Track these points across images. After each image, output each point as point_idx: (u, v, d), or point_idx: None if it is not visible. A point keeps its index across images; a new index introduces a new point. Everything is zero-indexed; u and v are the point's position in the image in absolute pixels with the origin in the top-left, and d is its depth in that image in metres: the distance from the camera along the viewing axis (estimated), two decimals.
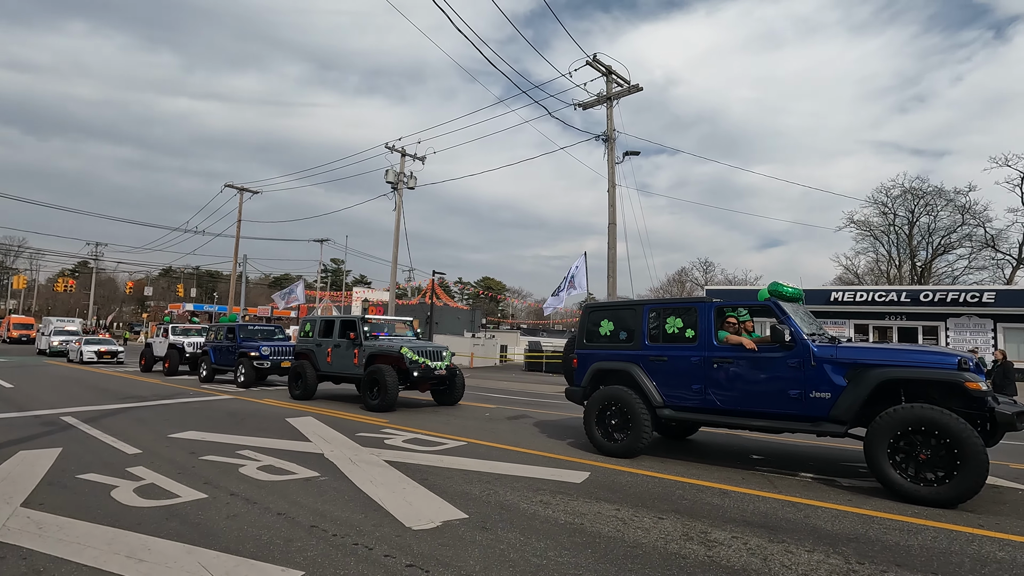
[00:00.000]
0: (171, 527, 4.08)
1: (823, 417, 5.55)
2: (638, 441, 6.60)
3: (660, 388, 6.71)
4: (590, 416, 7.10)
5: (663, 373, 6.71)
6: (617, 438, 6.82)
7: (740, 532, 4.13)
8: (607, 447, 6.86)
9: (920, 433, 4.91)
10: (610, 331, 7.39)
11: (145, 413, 10.05)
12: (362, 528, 4.10)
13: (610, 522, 4.33)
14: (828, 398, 5.52)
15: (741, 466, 6.49)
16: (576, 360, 7.68)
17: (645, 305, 7.17)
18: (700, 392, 6.38)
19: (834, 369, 5.56)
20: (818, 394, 5.58)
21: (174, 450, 6.83)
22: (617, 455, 6.72)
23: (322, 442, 7.46)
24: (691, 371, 6.45)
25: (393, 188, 26.89)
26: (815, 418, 5.61)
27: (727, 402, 6.20)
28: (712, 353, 6.33)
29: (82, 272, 76.06)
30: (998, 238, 35.82)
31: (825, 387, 5.56)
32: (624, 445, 6.72)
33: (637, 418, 6.61)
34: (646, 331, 6.98)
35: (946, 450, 4.78)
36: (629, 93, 19.22)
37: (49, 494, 4.88)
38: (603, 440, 6.94)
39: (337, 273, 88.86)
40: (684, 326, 6.65)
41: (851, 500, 5.05)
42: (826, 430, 5.52)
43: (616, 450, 6.76)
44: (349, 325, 12.19)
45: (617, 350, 7.23)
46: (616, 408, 6.86)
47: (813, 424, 5.61)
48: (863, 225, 41.65)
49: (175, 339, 19.22)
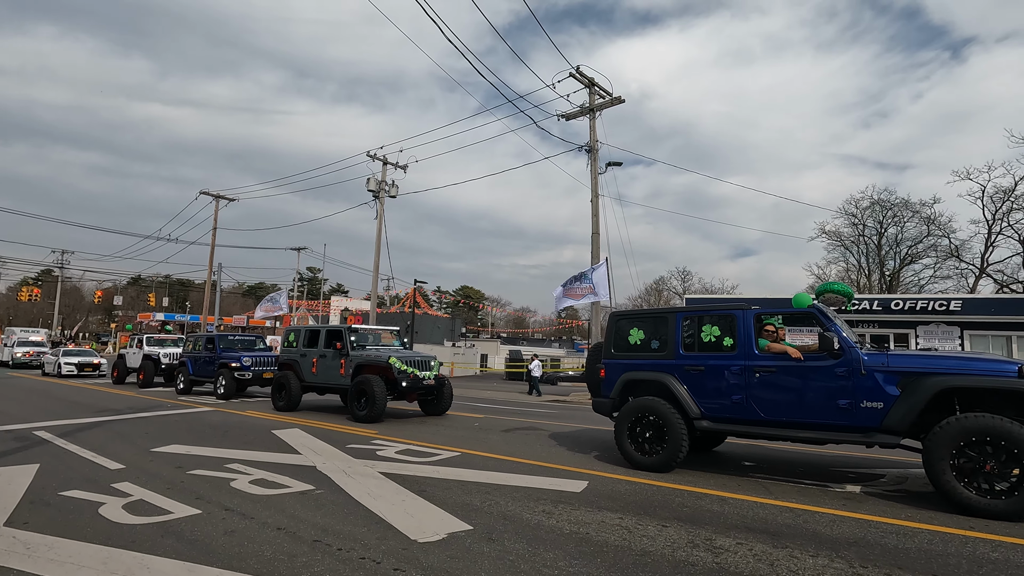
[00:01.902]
0: (167, 544, 3.95)
1: (875, 428, 5.36)
2: (675, 455, 6.30)
3: (697, 399, 6.44)
4: (621, 429, 6.80)
5: (700, 383, 6.45)
6: (652, 451, 6.51)
7: (744, 538, 4.18)
8: (641, 461, 6.55)
9: (985, 444, 4.72)
10: (640, 340, 7.13)
11: (123, 427, 9.73)
12: (367, 542, 4.03)
13: (615, 531, 4.34)
14: (880, 408, 5.34)
15: (735, 473, 6.58)
16: (604, 370, 7.38)
17: (679, 313, 6.89)
18: (741, 403, 6.13)
19: (886, 378, 5.38)
20: (869, 404, 5.39)
21: (159, 464, 6.62)
22: (652, 469, 6.42)
23: (313, 454, 7.31)
24: (731, 381, 6.21)
25: (375, 196, 26.69)
26: (866, 429, 5.42)
27: (771, 413, 5.96)
28: (754, 362, 6.10)
29: (46, 280, 73.47)
30: (962, 248, 37.20)
31: (876, 397, 5.37)
32: (660, 459, 6.40)
33: (673, 430, 6.31)
34: (680, 340, 6.72)
35: (1015, 461, 4.60)
36: (612, 105, 19.51)
37: (33, 512, 4.68)
38: (636, 454, 6.63)
39: (314, 282, 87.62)
40: (722, 334, 6.42)
41: (845, 505, 5.16)
42: (878, 441, 5.32)
43: (651, 464, 6.45)
44: (335, 335, 12.02)
45: (649, 359, 6.96)
46: (650, 420, 6.56)
47: (864, 435, 5.42)
48: (834, 235, 42.90)
49: (150, 350, 18.68)
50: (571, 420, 12.39)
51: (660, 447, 6.46)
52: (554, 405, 17.19)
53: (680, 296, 52.27)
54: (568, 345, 66.20)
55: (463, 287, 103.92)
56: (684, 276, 60.78)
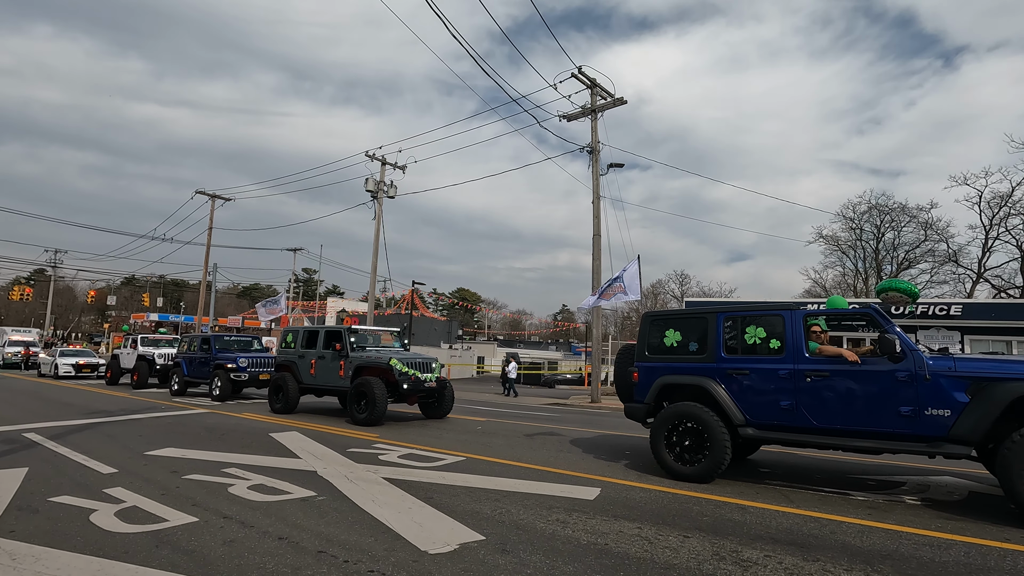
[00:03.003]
0: (163, 555, 3.72)
1: (941, 437, 5.02)
2: (718, 464, 5.93)
3: (741, 405, 6.06)
4: (658, 437, 6.41)
5: (745, 388, 6.08)
6: (692, 460, 6.14)
7: (771, 550, 3.97)
8: (680, 471, 6.18)
9: None
10: (677, 342, 6.73)
11: (115, 429, 9.45)
12: (375, 553, 3.81)
13: (635, 542, 4.13)
14: (947, 416, 4.99)
15: (751, 480, 6.37)
16: (637, 373, 6.98)
17: (719, 313, 6.49)
18: (791, 409, 5.74)
19: (953, 383, 5.02)
20: (935, 411, 5.04)
21: (153, 469, 6.37)
22: (692, 479, 6.07)
23: (313, 459, 7.08)
24: (779, 386, 5.83)
25: (373, 197, 26.45)
26: (931, 438, 5.07)
27: (824, 420, 5.58)
28: (805, 366, 5.73)
29: (39, 280, 72.77)
30: (960, 253, 37.22)
31: (943, 403, 5.02)
32: (701, 468, 6.02)
33: (716, 438, 5.94)
34: (721, 342, 6.34)
35: None
36: (614, 105, 19.36)
37: (19, 520, 4.43)
38: (674, 463, 6.25)
39: (309, 283, 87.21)
40: (768, 336, 6.06)
41: (871, 514, 4.96)
42: (945, 451, 4.99)
43: (691, 474, 6.09)
44: (335, 336, 11.77)
45: (687, 363, 6.57)
46: (690, 427, 6.18)
47: (929, 444, 5.08)
48: (831, 240, 42.89)
49: (144, 350, 18.36)
50: (574, 424, 12.18)
51: (701, 456, 6.07)
52: (555, 408, 16.98)
53: (678, 300, 52.15)
54: (565, 348, 66.03)
55: (459, 289, 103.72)
56: (682, 280, 60.72)
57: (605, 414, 15.49)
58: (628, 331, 67.47)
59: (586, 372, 36.38)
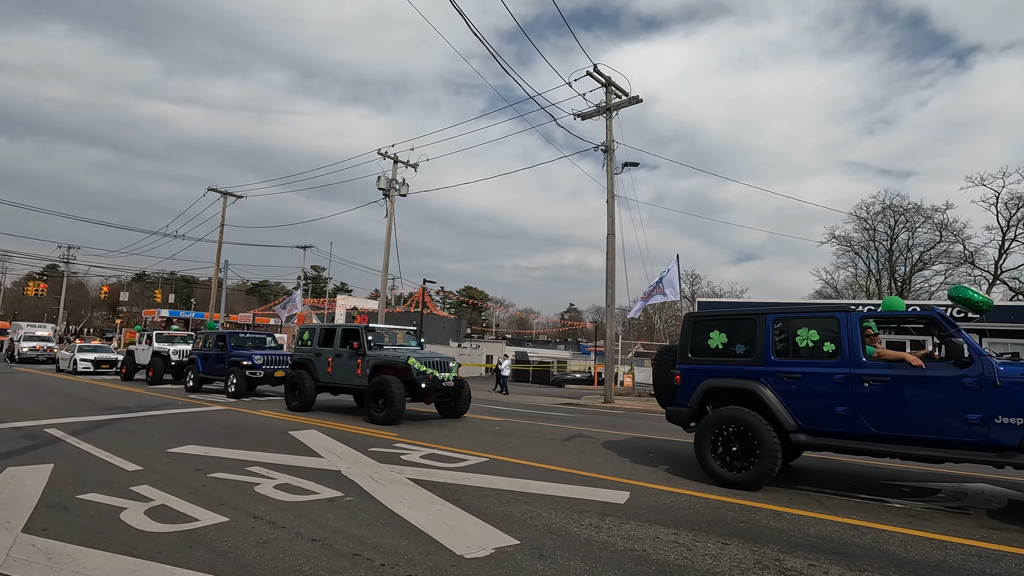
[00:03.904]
0: (197, 556, 3.68)
1: (1013, 447, 4.81)
2: (768, 471, 5.73)
3: (792, 410, 5.84)
4: (703, 441, 6.22)
5: (796, 393, 5.85)
6: (740, 467, 5.94)
7: (815, 559, 3.88)
8: (727, 478, 5.98)
9: None
10: (723, 343, 6.52)
11: (134, 425, 9.47)
12: (411, 557, 3.75)
13: (673, 548, 4.05)
14: (1020, 425, 4.80)
15: (782, 485, 6.24)
16: (679, 376, 6.77)
17: (769, 314, 6.27)
18: (847, 415, 5.52)
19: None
20: (1006, 420, 4.83)
21: (177, 466, 6.35)
22: (739, 487, 5.88)
23: (335, 458, 7.04)
24: (834, 391, 5.61)
25: (385, 195, 26.45)
26: (1003, 447, 4.86)
27: (883, 427, 5.36)
28: (863, 370, 5.50)
29: (51, 275, 73.47)
30: (976, 255, 36.73)
31: (1015, 411, 4.80)
32: (750, 476, 5.82)
33: (766, 444, 5.72)
34: (771, 344, 6.12)
35: None
36: (630, 104, 19.22)
37: (51, 518, 4.41)
38: (721, 470, 6.06)
39: (318, 281, 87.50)
40: (821, 339, 5.85)
41: (911, 523, 4.85)
42: (1018, 462, 4.80)
43: (739, 481, 5.90)
44: (352, 334, 11.75)
45: (734, 365, 6.36)
46: (737, 433, 6.00)
47: (999, 454, 4.88)
48: (844, 240, 42.43)
49: (159, 346, 18.43)
50: (591, 425, 12.09)
51: (749, 463, 5.88)
52: (569, 408, 16.90)
53: (690, 300, 51.86)
54: (573, 347, 65.88)
55: (467, 287, 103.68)
56: (692, 279, 60.34)
57: (620, 415, 15.38)
58: (635, 331, 67.23)
59: (595, 372, 36.26)
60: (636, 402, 19.52)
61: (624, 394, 23.67)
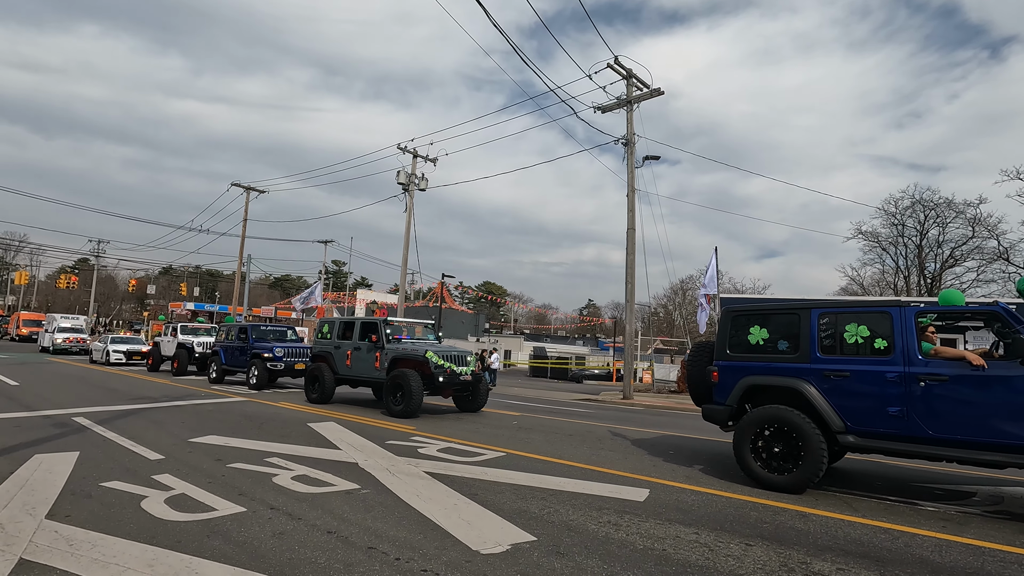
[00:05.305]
0: (214, 546, 3.68)
1: None
2: (813, 473, 5.48)
3: (840, 410, 5.56)
4: (743, 442, 5.97)
5: (845, 392, 5.56)
6: (782, 468, 5.69)
7: (844, 563, 3.73)
8: (769, 480, 5.74)
9: None
10: (764, 339, 6.24)
11: (159, 415, 9.65)
12: (426, 551, 3.71)
13: (694, 548, 3.94)
14: None
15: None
16: (717, 373, 6.51)
17: (814, 309, 5.96)
18: (900, 416, 5.22)
19: None
20: None
21: (198, 456, 6.42)
22: (782, 489, 5.63)
23: (353, 450, 7.06)
24: (887, 391, 5.31)
25: (404, 189, 26.54)
26: None
27: (941, 430, 5.06)
28: (918, 369, 5.20)
29: (82, 269, 75.55)
30: (1011, 251, 35.47)
31: None
32: (794, 478, 5.57)
33: (812, 446, 5.46)
34: (816, 340, 5.82)
35: None
36: (651, 96, 18.93)
37: (74, 504, 4.48)
38: (762, 471, 5.81)
39: (338, 275, 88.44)
40: (872, 335, 5.54)
41: (945, 527, 4.65)
42: None
43: (781, 484, 5.65)
44: (371, 327, 11.79)
45: (776, 362, 6.08)
46: (780, 433, 5.73)
47: None
48: (871, 236, 41.33)
49: (184, 338, 18.80)
50: (610, 421, 11.97)
51: (793, 464, 5.62)
52: (588, 404, 16.78)
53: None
54: (592, 343, 65.56)
55: (485, 282, 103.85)
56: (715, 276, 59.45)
57: (639, 411, 15.22)
58: (655, 327, 66.59)
59: (614, 368, 36.01)
60: (655, 399, 19.31)
61: (643, 390, 23.44)
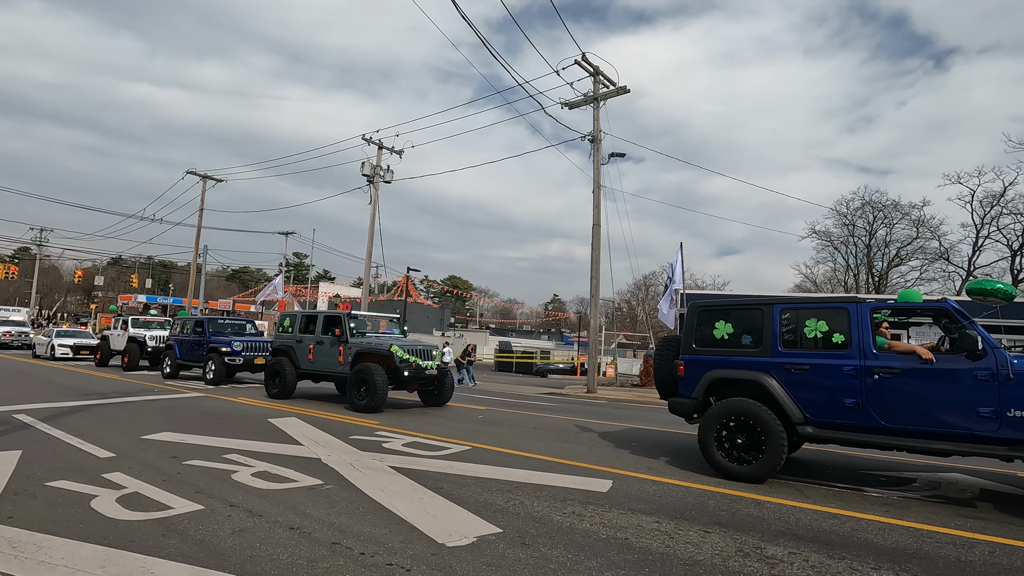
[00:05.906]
0: (171, 545, 3.58)
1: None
2: (774, 463, 5.67)
3: (799, 402, 5.74)
4: (707, 434, 6.10)
5: (804, 385, 5.75)
6: (745, 459, 5.87)
7: (795, 547, 3.91)
8: (732, 470, 5.90)
9: None
10: (728, 334, 6.37)
11: (109, 411, 9.25)
12: (391, 545, 3.69)
13: (656, 536, 4.05)
14: None
15: None
16: (683, 367, 6.61)
17: (776, 304, 6.16)
18: (856, 408, 5.44)
19: None
20: (1018, 413, 4.78)
21: (152, 453, 6.20)
22: (745, 479, 5.80)
23: (315, 445, 6.94)
24: (843, 383, 5.52)
25: (369, 181, 26.10)
26: (1013, 441, 4.81)
27: (893, 420, 5.29)
28: (873, 363, 5.42)
29: (23, 258, 71.46)
30: (951, 251, 37.53)
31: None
32: (756, 468, 5.75)
33: (773, 437, 5.64)
34: (778, 335, 6.00)
35: None
36: (617, 94, 19.14)
37: (17, 505, 4.26)
38: (726, 462, 5.96)
39: (300, 267, 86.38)
40: (830, 330, 5.74)
41: (888, 511, 4.92)
42: None
43: (744, 474, 5.83)
44: (334, 321, 11.58)
45: (739, 356, 6.24)
46: (744, 425, 5.89)
47: (1010, 448, 4.82)
48: (824, 235, 43.05)
49: (136, 332, 18.03)
50: (574, 414, 12.12)
51: (755, 455, 5.81)
52: (552, 398, 16.94)
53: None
54: (557, 337, 66.14)
55: (451, 277, 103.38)
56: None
57: (603, 405, 15.47)
58: (619, 322, 67.67)
59: (579, 362, 36.43)
60: (619, 392, 19.65)
61: (607, 384, 23.80)
